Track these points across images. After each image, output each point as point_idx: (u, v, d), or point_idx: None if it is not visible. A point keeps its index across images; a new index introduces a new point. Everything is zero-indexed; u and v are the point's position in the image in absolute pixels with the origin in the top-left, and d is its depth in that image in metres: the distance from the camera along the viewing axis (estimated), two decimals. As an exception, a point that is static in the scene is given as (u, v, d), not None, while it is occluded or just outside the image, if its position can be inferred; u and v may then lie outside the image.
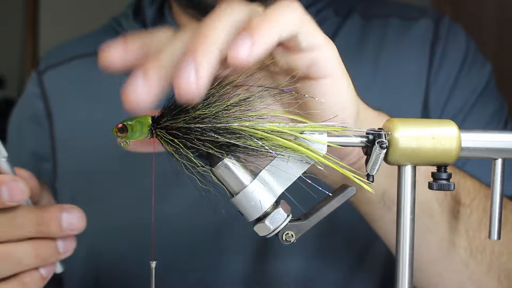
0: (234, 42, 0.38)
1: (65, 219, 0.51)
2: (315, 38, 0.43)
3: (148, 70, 0.38)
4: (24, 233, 0.50)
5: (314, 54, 0.44)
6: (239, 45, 0.37)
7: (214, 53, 0.37)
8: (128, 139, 0.43)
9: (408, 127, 0.44)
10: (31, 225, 0.50)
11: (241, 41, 0.38)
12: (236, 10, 0.40)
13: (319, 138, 0.43)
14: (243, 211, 0.44)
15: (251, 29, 0.38)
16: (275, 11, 0.40)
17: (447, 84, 0.80)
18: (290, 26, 0.41)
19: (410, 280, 0.46)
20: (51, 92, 0.87)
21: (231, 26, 0.39)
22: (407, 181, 0.46)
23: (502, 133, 0.46)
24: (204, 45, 0.37)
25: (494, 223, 0.47)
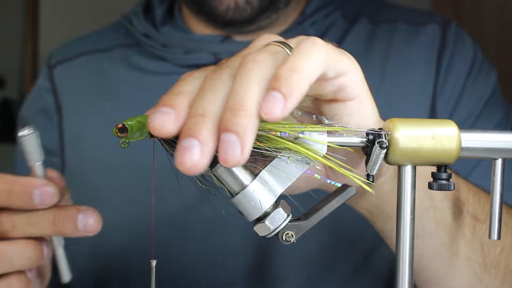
0: (267, 100, 0.38)
1: (81, 220, 0.51)
2: (341, 67, 0.43)
3: (200, 133, 0.38)
4: (39, 231, 0.51)
5: (341, 80, 0.44)
6: (272, 103, 0.38)
7: (255, 121, 0.38)
8: (128, 139, 0.43)
9: (408, 127, 0.44)
10: (47, 224, 0.51)
11: (273, 99, 0.38)
12: (263, 61, 0.40)
13: (319, 138, 0.43)
14: (243, 211, 0.44)
15: (281, 84, 0.38)
16: (301, 58, 0.40)
17: (454, 93, 0.80)
18: (318, 69, 0.41)
19: (410, 280, 0.46)
20: (61, 87, 0.87)
21: (263, 81, 0.39)
22: (407, 181, 0.46)
23: (502, 133, 0.46)
24: (244, 115, 0.37)
25: (494, 223, 0.47)
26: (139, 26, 0.86)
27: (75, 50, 0.90)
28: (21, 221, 0.50)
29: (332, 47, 0.42)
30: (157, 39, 0.84)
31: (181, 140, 0.38)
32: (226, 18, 0.77)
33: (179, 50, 0.82)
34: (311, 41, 0.41)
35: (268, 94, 0.38)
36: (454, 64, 0.82)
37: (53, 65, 0.90)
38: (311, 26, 0.83)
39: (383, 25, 0.85)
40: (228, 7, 0.77)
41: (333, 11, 0.85)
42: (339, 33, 0.84)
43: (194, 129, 0.38)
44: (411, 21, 0.85)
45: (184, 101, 0.40)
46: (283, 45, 0.43)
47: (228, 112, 0.38)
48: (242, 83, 0.39)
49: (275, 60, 0.41)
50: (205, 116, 0.38)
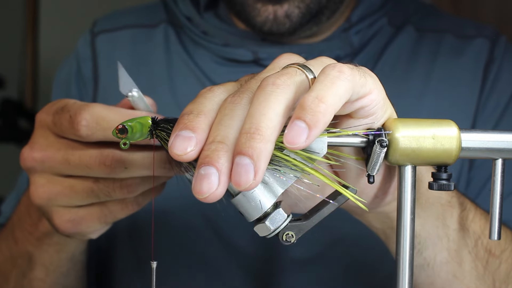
0: (291, 129, 0.38)
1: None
2: (364, 91, 0.43)
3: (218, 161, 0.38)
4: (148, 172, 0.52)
5: (362, 101, 0.43)
6: (296, 132, 0.37)
7: (270, 146, 0.38)
8: (128, 140, 0.43)
9: (408, 127, 0.44)
10: (157, 167, 0.52)
11: (298, 128, 0.38)
12: (284, 87, 0.40)
13: (319, 139, 0.43)
14: (243, 211, 0.43)
15: (307, 114, 0.38)
16: (325, 88, 0.39)
17: (496, 110, 0.79)
18: (344, 98, 0.40)
19: (410, 280, 0.46)
20: (102, 56, 0.86)
21: (283, 106, 0.39)
22: (407, 181, 0.46)
23: (502, 133, 0.46)
24: (260, 140, 0.37)
25: (494, 223, 0.47)
26: (183, 8, 0.84)
27: (121, 21, 0.89)
28: (134, 163, 0.52)
29: (357, 72, 0.41)
30: (198, 24, 0.82)
31: (199, 168, 0.38)
32: (263, 29, 0.75)
33: (218, 40, 0.81)
34: (337, 69, 0.40)
35: (293, 123, 0.38)
36: (500, 79, 0.80)
37: (96, 32, 0.88)
38: (356, 34, 0.80)
39: (430, 34, 0.83)
40: (266, 19, 0.74)
41: (380, 18, 0.82)
42: (384, 41, 0.82)
43: (212, 156, 0.38)
44: (460, 33, 0.83)
45: (204, 123, 0.40)
46: (302, 68, 0.42)
47: (244, 135, 0.38)
48: (259, 107, 0.39)
49: (294, 84, 0.40)
50: (223, 143, 0.38)
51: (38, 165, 0.53)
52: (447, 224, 0.56)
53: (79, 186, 0.53)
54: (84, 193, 0.53)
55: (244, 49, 0.79)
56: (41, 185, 0.53)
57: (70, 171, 0.53)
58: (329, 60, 0.45)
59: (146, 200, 0.56)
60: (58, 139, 0.53)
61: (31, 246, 0.64)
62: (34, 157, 0.53)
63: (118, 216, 0.55)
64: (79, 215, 0.54)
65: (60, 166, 0.52)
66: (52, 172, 0.53)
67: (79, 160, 0.51)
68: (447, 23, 0.85)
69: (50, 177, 0.53)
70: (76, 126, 0.50)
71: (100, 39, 0.87)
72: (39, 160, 0.53)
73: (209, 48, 0.82)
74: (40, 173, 0.53)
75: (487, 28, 0.84)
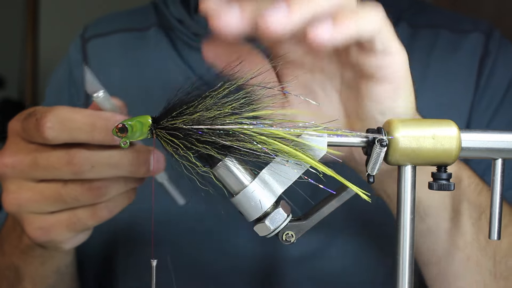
0: (319, 24, 0.39)
1: (152, 162, 0.53)
2: (390, 44, 0.45)
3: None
4: (116, 172, 0.52)
5: (386, 59, 0.45)
6: (323, 27, 0.39)
7: (307, 12, 0.39)
8: (128, 139, 0.43)
9: (408, 127, 0.44)
10: (126, 165, 0.52)
11: (325, 25, 0.40)
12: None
13: (319, 138, 0.43)
14: (243, 211, 0.43)
15: (338, 18, 0.40)
16: (362, 9, 0.42)
17: (491, 106, 0.79)
18: (370, 26, 0.43)
19: (410, 280, 0.45)
20: (92, 61, 0.86)
21: (325, 4, 0.40)
22: (407, 181, 0.45)
23: (502, 133, 0.46)
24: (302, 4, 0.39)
25: (494, 223, 0.47)
26: (174, 10, 0.84)
27: (112, 26, 0.89)
28: (101, 162, 0.51)
29: (389, 24, 0.44)
30: (190, 26, 0.82)
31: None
32: None
33: None
34: (375, 5, 0.43)
35: (321, 20, 0.40)
36: (495, 75, 0.80)
37: (87, 38, 0.88)
38: None
39: (424, 30, 0.83)
40: None
41: None
42: None
43: None
44: (455, 28, 0.83)
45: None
46: None
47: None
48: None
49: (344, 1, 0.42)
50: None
51: (9, 171, 0.53)
52: (452, 196, 0.57)
53: (48, 191, 0.52)
54: (52, 198, 0.52)
55: None
56: (12, 192, 0.53)
57: (39, 174, 0.52)
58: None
59: (117, 207, 0.55)
60: (28, 145, 0.53)
61: (17, 259, 0.65)
62: (4, 163, 0.53)
63: (88, 224, 0.54)
64: (49, 222, 0.54)
65: (29, 170, 0.52)
66: (23, 177, 0.53)
67: (47, 161, 0.51)
68: (441, 18, 0.85)
69: (21, 183, 0.53)
70: (41, 129, 0.50)
71: (91, 44, 0.88)
72: (10, 165, 0.53)
73: (200, 49, 0.82)
74: (11, 179, 0.53)
75: (482, 23, 0.84)
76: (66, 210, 0.54)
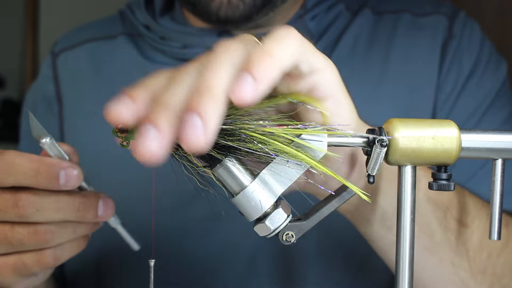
0: (237, 83, 0.36)
1: (101, 207, 0.53)
2: (315, 62, 0.43)
3: (158, 121, 0.36)
4: (62, 217, 0.51)
5: (315, 77, 0.43)
6: (242, 86, 0.36)
7: (220, 102, 0.36)
8: (128, 139, 0.43)
9: (408, 128, 0.44)
10: (71, 210, 0.51)
11: (244, 81, 0.36)
12: (234, 49, 0.39)
13: (319, 138, 0.43)
14: (243, 211, 0.43)
15: (252, 67, 0.37)
16: (274, 44, 0.39)
17: (455, 90, 0.78)
18: (291, 57, 0.40)
19: (410, 280, 0.46)
20: (63, 75, 0.87)
21: (233, 67, 0.38)
22: (407, 181, 0.46)
23: (502, 133, 0.46)
24: (209, 96, 0.36)
25: (494, 223, 0.47)
26: (140, 17, 0.85)
27: (80, 37, 0.89)
28: (46, 205, 0.50)
29: (308, 41, 0.41)
30: (156, 31, 0.83)
31: (139, 129, 0.36)
32: (219, 15, 0.75)
33: (177, 43, 0.82)
34: (286, 30, 0.40)
35: (239, 76, 0.37)
36: (458, 59, 0.79)
37: (57, 52, 0.89)
38: (312, 20, 0.80)
39: (387, 16, 0.83)
40: (220, 4, 0.74)
41: (336, 4, 0.82)
42: (343, 25, 0.82)
43: (152, 116, 0.36)
44: (416, 12, 0.83)
45: (145, 94, 0.39)
46: (257, 38, 0.42)
47: (193, 94, 0.36)
48: (211, 68, 0.37)
49: (247, 48, 0.39)
50: (165, 104, 0.37)
51: None
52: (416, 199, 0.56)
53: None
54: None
55: (201, 48, 0.79)
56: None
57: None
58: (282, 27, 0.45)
59: (64, 255, 0.54)
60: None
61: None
62: None
63: (33, 270, 0.53)
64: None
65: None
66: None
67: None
68: (404, 3, 0.85)
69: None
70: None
71: (61, 58, 0.88)
72: None
73: (168, 53, 0.82)
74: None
75: (444, 5, 0.84)
76: (13, 254, 0.53)
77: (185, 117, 0.35)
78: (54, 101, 0.87)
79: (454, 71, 0.79)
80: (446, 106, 0.78)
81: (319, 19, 0.81)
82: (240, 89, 0.36)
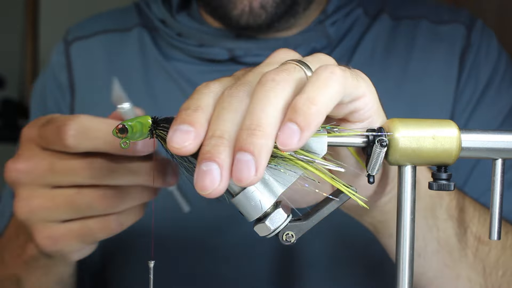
0: (283, 131, 0.38)
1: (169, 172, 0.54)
2: (357, 92, 0.43)
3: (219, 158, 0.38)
4: (133, 180, 0.52)
5: (355, 104, 0.44)
6: (288, 134, 0.38)
7: (271, 142, 0.38)
8: (128, 139, 0.43)
9: (408, 128, 0.44)
10: (142, 174, 0.52)
11: (290, 130, 0.38)
12: (283, 82, 0.40)
13: (319, 138, 0.43)
14: (243, 211, 0.43)
15: (298, 116, 0.38)
16: (317, 90, 0.39)
17: (472, 100, 0.78)
18: (334, 100, 0.40)
19: (410, 280, 0.46)
20: (76, 64, 0.86)
21: (282, 102, 0.39)
22: (407, 181, 0.46)
23: (502, 133, 0.46)
24: (261, 135, 0.37)
25: (494, 223, 0.47)
26: (156, 11, 0.84)
27: (94, 28, 0.89)
28: (119, 169, 0.51)
29: (349, 74, 0.41)
30: (172, 26, 0.82)
31: (200, 163, 0.38)
32: (240, 23, 0.75)
33: (193, 41, 0.81)
34: (330, 70, 0.40)
35: (285, 125, 0.38)
36: (476, 68, 0.79)
37: (70, 41, 0.88)
38: (332, 26, 0.80)
39: (406, 21, 0.83)
40: (242, 12, 0.74)
41: (355, 9, 0.82)
42: (361, 30, 0.82)
43: (213, 152, 0.38)
44: (435, 19, 0.83)
45: (202, 118, 0.40)
46: (301, 64, 0.42)
47: (244, 131, 0.38)
48: (259, 103, 0.38)
49: (293, 81, 0.40)
50: (223, 138, 0.38)
51: (23, 176, 0.52)
52: (436, 215, 0.57)
53: (61, 197, 0.52)
54: (65, 205, 0.52)
55: (219, 48, 0.79)
56: (24, 198, 0.52)
57: (55, 180, 0.52)
58: (326, 57, 0.45)
59: (128, 221, 0.55)
60: (43, 151, 0.52)
61: (19, 269, 0.64)
62: (18, 168, 0.52)
63: (98, 236, 0.54)
64: (59, 231, 0.53)
65: (44, 175, 0.52)
66: (37, 183, 0.52)
67: (65, 166, 0.51)
68: (422, 10, 0.85)
69: (33, 189, 0.52)
70: (63, 136, 0.49)
71: (74, 47, 0.87)
72: (24, 170, 0.52)
73: (184, 50, 0.82)
74: (24, 185, 0.53)
75: (461, 13, 0.84)
76: (78, 220, 0.53)
77: (239, 156, 0.37)
78: (66, 89, 0.86)
79: (472, 81, 0.79)
80: (463, 117, 0.78)
81: (339, 25, 0.81)
82: (286, 137, 0.38)
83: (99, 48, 0.87)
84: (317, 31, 0.79)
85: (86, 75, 0.86)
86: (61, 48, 0.88)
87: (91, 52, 0.87)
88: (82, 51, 0.87)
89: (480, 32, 0.81)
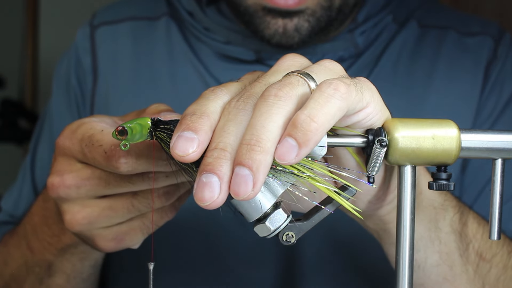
0: (282, 145, 0.38)
1: None
2: (360, 105, 0.43)
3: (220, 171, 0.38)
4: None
5: (359, 115, 0.44)
6: (287, 149, 0.38)
7: (270, 158, 0.38)
8: (128, 141, 0.43)
9: (408, 127, 0.44)
10: None
11: (288, 145, 0.38)
12: (283, 98, 0.40)
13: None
14: (243, 211, 0.43)
15: (298, 132, 0.38)
16: (319, 107, 0.39)
17: (494, 112, 0.78)
18: (337, 117, 0.40)
19: (410, 280, 0.46)
20: (100, 49, 0.85)
21: (282, 118, 0.39)
22: (407, 181, 0.46)
23: (502, 133, 0.46)
24: (260, 151, 0.38)
25: (494, 223, 0.47)
26: (185, 2, 0.83)
27: (122, 13, 0.87)
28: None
29: (353, 88, 0.41)
30: (200, 20, 0.81)
31: (201, 175, 0.38)
32: (272, 42, 0.73)
33: (220, 37, 0.80)
34: (333, 87, 0.40)
35: (284, 139, 0.38)
36: (500, 82, 0.79)
37: (96, 25, 0.87)
38: (361, 35, 0.79)
39: (433, 30, 0.82)
40: (275, 32, 0.72)
41: (385, 17, 0.81)
42: (387, 39, 0.81)
43: (214, 164, 0.38)
44: (463, 30, 0.82)
45: (207, 125, 0.40)
46: (305, 77, 0.42)
47: (244, 146, 0.38)
48: (260, 119, 0.39)
49: (296, 96, 0.40)
50: (226, 151, 0.39)
51: (73, 192, 0.52)
52: (439, 227, 0.56)
53: (118, 204, 0.52)
54: (124, 210, 0.52)
55: (246, 49, 0.78)
56: (78, 212, 0.52)
57: (109, 191, 0.52)
58: (332, 65, 0.45)
59: (182, 203, 0.56)
60: (87, 165, 0.52)
61: (51, 255, 0.64)
62: (67, 185, 0.52)
63: (159, 225, 0.55)
64: (122, 231, 0.54)
65: (97, 188, 0.52)
66: (88, 196, 0.52)
67: (120, 178, 0.51)
68: (450, 19, 0.84)
69: (84, 201, 0.53)
70: (115, 164, 0.48)
71: (100, 32, 0.86)
72: (74, 186, 0.52)
73: (210, 45, 0.81)
74: (74, 200, 0.53)
75: (491, 26, 0.83)
76: (137, 217, 0.54)
77: (237, 170, 0.38)
78: (89, 74, 0.85)
79: (495, 95, 0.78)
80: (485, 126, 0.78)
81: (368, 34, 0.80)
82: (284, 151, 0.38)
83: (126, 34, 0.86)
84: (346, 40, 0.79)
85: (110, 61, 0.85)
86: (87, 32, 0.87)
87: (117, 38, 0.86)
88: (108, 36, 0.86)
89: (508, 46, 0.81)
